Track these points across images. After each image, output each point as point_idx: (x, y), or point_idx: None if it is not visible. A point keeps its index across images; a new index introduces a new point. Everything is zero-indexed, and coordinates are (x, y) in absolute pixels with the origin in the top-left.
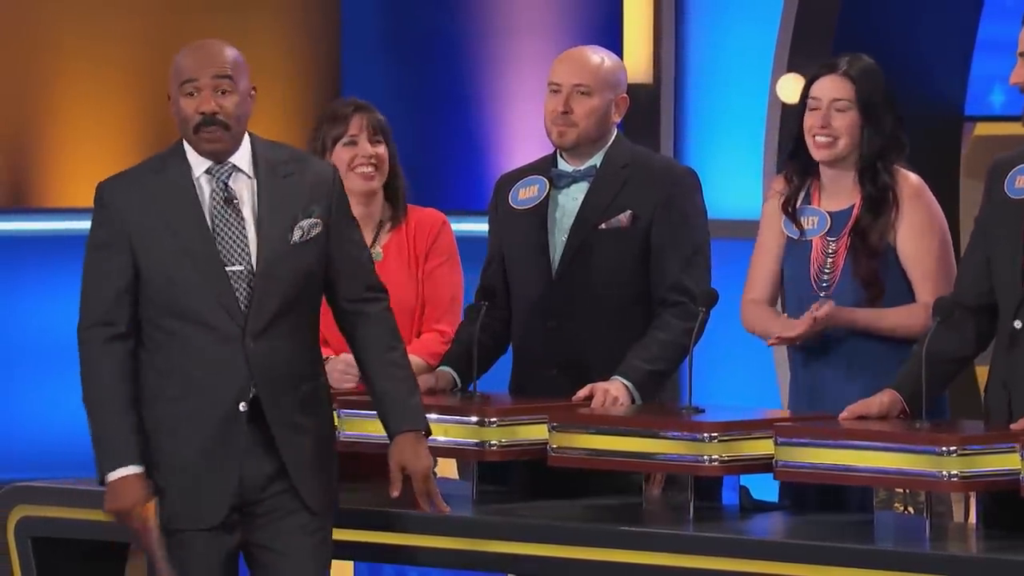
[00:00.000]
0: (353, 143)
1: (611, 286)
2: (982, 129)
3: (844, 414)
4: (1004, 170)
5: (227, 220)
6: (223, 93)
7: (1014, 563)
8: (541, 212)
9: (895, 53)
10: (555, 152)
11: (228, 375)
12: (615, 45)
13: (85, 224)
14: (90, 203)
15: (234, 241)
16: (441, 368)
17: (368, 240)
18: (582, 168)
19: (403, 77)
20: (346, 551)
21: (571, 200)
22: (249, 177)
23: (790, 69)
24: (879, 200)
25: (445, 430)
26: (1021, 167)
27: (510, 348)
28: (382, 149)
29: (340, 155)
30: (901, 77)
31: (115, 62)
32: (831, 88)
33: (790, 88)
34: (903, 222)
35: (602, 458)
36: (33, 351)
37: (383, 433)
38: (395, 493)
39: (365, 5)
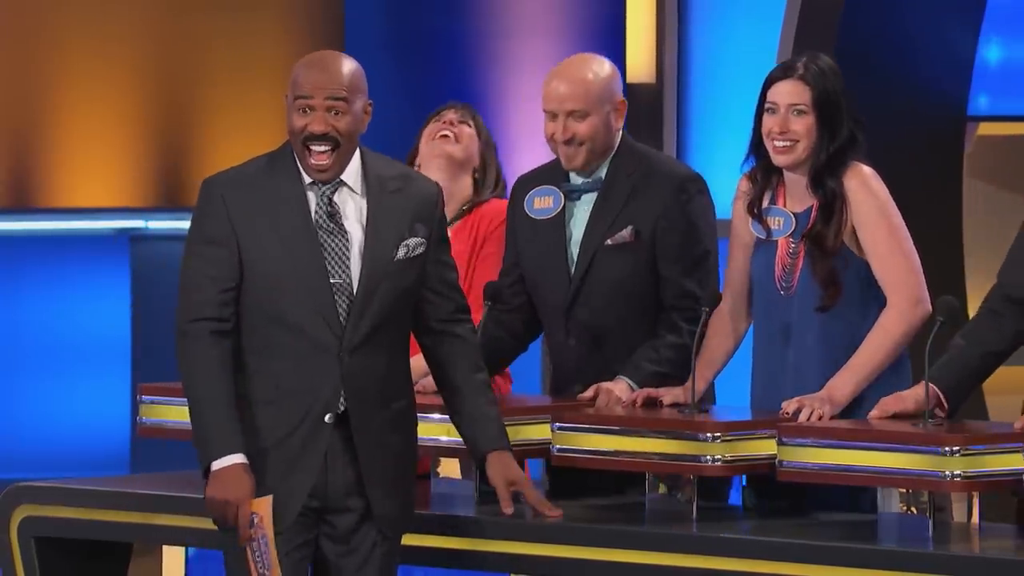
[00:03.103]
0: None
1: (625, 297)
2: (985, 129)
3: (875, 412)
4: None
5: (331, 233)
6: (336, 114)
7: (1015, 563)
8: (559, 226)
9: (897, 53)
10: None
11: (321, 386)
12: (618, 45)
13: (87, 224)
14: (92, 203)
15: (337, 255)
16: None
17: None
18: (590, 180)
19: (406, 78)
20: None
21: (583, 212)
22: (354, 192)
23: None
24: (830, 205)
25: (448, 430)
26: None
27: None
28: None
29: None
30: (903, 77)
31: (118, 62)
32: (788, 92)
33: None
34: (854, 214)
35: (605, 458)
36: (35, 351)
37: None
38: (511, 510)
39: (368, 6)
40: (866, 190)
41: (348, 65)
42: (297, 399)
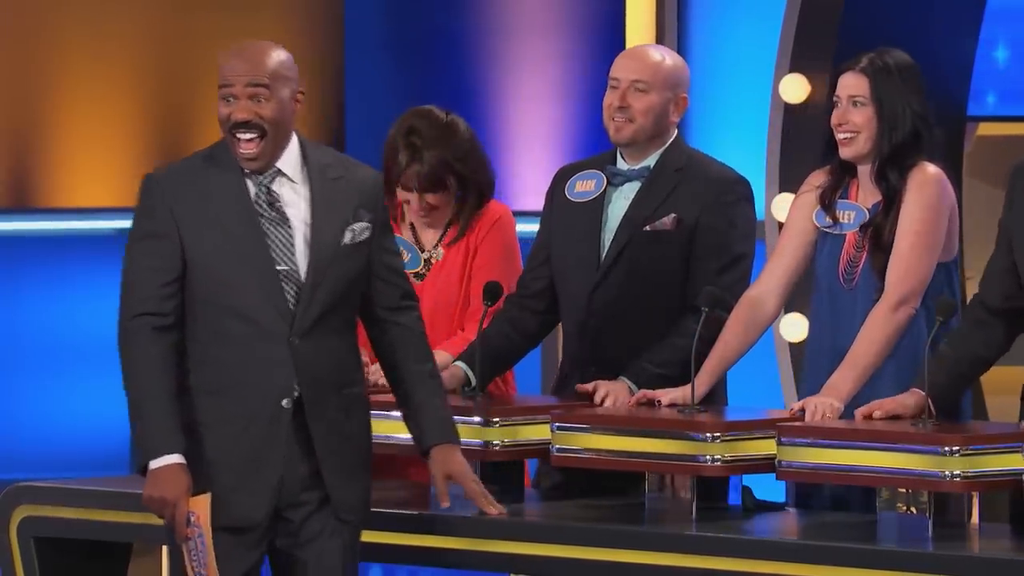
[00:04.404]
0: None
1: (653, 288)
2: (985, 129)
3: (878, 413)
4: None
5: (273, 221)
6: (259, 101)
7: (1016, 563)
8: (596, 208)
9: None
10: (616, 148)
11: (273, 373)
12: (617, 45)
13: (87, 224)
14: (92, 203)
15: (282, 242)
16: (455, 363)
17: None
18: (637, 168)
19: (405, 77)
20: None
21: (623, 199)
22: (294, 181)
23: (793, 69)
24: (891, 200)
25: None
26: None
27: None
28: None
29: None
30: None
31: (118, 62)
32: (849, 85)
33: (793, 88)
34: (902, 207)
35: (605, 458)
36: (35, 351)
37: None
38: (447, 503)
39: (368, 5)
40: (920, 191)
41: (272, 53)
42: (249, 388)
